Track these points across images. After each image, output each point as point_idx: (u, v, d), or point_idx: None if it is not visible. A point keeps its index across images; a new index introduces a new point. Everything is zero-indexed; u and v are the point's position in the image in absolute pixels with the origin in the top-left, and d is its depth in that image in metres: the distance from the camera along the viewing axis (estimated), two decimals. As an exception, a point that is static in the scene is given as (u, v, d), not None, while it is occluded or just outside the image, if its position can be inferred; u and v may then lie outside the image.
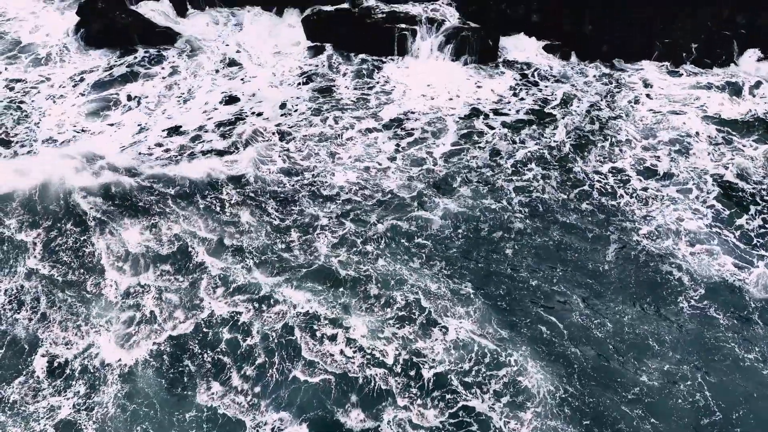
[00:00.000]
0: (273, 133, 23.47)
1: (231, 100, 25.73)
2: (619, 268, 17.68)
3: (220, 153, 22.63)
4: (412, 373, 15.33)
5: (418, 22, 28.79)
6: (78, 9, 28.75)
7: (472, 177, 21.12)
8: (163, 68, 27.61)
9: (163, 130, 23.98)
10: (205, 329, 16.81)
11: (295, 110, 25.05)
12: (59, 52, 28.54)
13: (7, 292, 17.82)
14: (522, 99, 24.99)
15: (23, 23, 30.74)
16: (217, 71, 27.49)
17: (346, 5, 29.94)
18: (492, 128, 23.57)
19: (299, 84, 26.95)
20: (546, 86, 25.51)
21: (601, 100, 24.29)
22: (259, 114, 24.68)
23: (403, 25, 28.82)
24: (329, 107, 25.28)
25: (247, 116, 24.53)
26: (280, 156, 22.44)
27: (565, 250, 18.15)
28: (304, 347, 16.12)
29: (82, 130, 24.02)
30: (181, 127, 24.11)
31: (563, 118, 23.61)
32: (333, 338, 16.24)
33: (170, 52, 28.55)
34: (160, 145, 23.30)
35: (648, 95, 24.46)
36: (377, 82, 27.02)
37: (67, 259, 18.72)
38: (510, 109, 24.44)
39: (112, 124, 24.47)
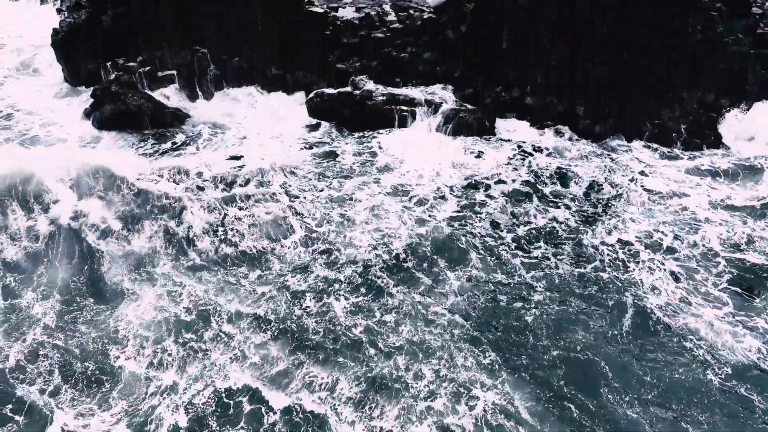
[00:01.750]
0: (283, 199, 23.48)
1: (238, 165, 25.84)
2: (640, 341, 17.55)
3: (233, 218, 22.54)
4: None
5: (417, 104, 29.64)
6: (92, 92, 29.08)
7: (479, 246, 21.18)
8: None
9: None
10: (225, 401, 16.28)
11: (303, 176, 25.31)
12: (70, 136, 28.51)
13: (23, 360, 17.36)
14: (518, 172, 25.41)
15: (35, 117, 29.87)
16: (226, 146, 27.70)
17: (348, 88, 30.79)
18: (492, 198, 23.87)
19: (304, 148, 27.56)
20: (542, 162, 25.97)
21: (599, 177, 24.75)
22: (267, 182, 24.78)
23: (403, 107, 29.67)
24: (334, 173, 25.62)
25: (257, 183, 24.60)
26: (293, 220, 22.40)
27: (583, 321, 18.05)
28: (333, 424, 15.55)
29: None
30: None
31: (563, 196, 23.97)
32: (362, 419, 15.67)
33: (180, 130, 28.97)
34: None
35: (644, 173, 24.96)
36: (378, 149, 27.52)
37: (84, 328, 18.38)
38: (508, 181, 24.82)
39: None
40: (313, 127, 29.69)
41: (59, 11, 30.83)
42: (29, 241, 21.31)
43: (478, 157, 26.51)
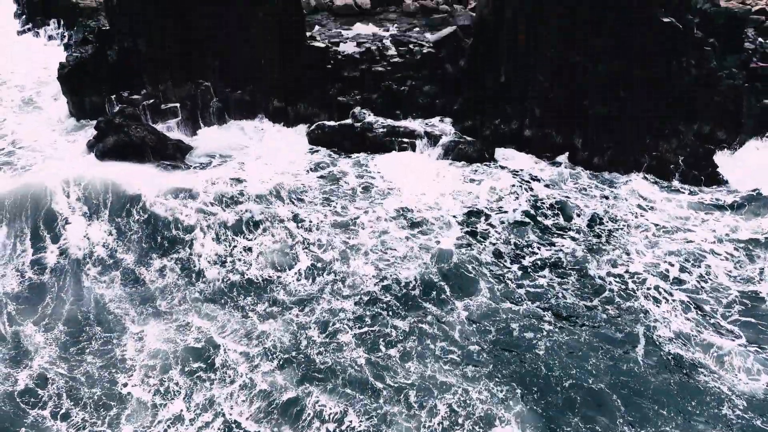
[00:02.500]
0: (290, 226, 23.18)
1: (244, 192, 25.63)
2: (653, 372, 17.20)
3: (242, 248, 22.21)
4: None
5: (417, 136, 29.67)
6: (96, 124, 28.85)
7: (487, 275, 20.86)
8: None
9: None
10: (235, 429, 15.83)
11: (308, 201, 25.12)
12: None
13: (32, 384, 17.20)
14: (519, 202, 25.28)
15: (36, 153, 29.34)
16: (229, 174, 27.44)
17: (348, 120, 30.81)
18: (494, 227, 23.69)
19: (308, 171, 27.55)
20: (542, 193, 25.84)
21: (600, 209, 24.60)
22: (273, 209, 24.54)
23: (403, 139, 29.68)
24: (337, 196, 25.47)
25: (263, 210, 24.33)
26: (299, 248, 22.07)
27: (595, 352, 17.72)
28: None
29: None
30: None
31: (565, 227, 23.82)
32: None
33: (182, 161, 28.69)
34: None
35: (645, 207, 24.82)
36: (377, 173, 27.42)
37: (90, 357, 18.06)
38: (509, 211, 24.65)
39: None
40: (314, 150, 29.77)
41: (67, 46, 30.82)
42: (35, 272, 20.98)
43: (478, 185, 26.43)
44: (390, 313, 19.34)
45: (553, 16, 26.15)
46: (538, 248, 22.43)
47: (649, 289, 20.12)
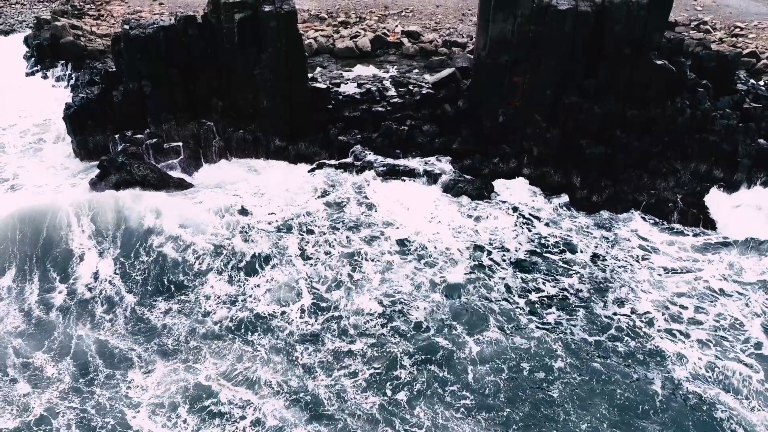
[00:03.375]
0: (297, 263, 22.60)
1: (244, 224, 25.24)
2: (671, 414, 16.62)
3: (252, 285, 21.61)
4: None
5: (416, 175, 29.42)
6: (99, 163, 28.41)
7: (496, 311, 20.30)
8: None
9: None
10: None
11: (305, 231, 24.72)
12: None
13: (45, 413, 16.90)
14: (519, 239, 24.90)
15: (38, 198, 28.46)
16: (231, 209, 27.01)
17: (349, 159, 30.57)
18: (497, 263, 23.27)
19: (312, 198, 27.22)
20: (543, 231, 25.49)
21: (601, 248, 24.26)
22: (281, 242, 24.05)
23: (403, 177, 29.40)
24: (342, 226, 25.01)
25: (271, 245, 23.89)
26: (303, 284, 21.44)
27: (609, 392, 17.12)
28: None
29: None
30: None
31: (569, 265, 23.42)
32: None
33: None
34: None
35: (647, 248, 24.44)
36: (376, 204, 26.98)
37: (99, 389, 17.61)
38: (511, 249, 24.27)
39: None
40: (313, 170, 29.46)
41: (74, 88, 30.55)
42: (42, 308, 20.37)
43: (478, 221, 26.06)
44: (398, 352, 18.67)
45: (548, 59, 26.28)
46: (544, 284, 21.97)
47: (659, 328, 19.66)
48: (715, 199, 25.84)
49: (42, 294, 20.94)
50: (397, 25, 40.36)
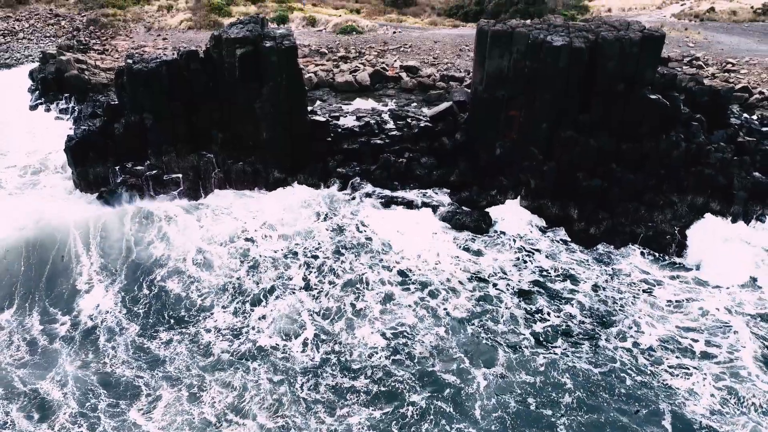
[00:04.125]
0: (299, 294, 22.09)
1: (243, 250, 24.88)
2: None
3: (257, 317, 21.09)
4: None
5: (414, 207, 29.15)
6: (99, 194, 28.09)
7: (502, 343, 19.72)
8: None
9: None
10: None
11: (313, 256, 24.28)
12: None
13: None
14: (520, 271, 24.47)
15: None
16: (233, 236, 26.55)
17: (347, 191, 30.31)
18: (500, 293, 22.81)
19: (313, 222, 26.89)
20: (543, 263, 25.06)
21: (601, 280, 23.82)
22: (284, 269, 23.63)
23: (402, 208, 29.12)
24: (339, 253, 24.58)
25: (275, 272, 23.45)
26: (306, 316, 20.90)
27: (620, 429, 16.45)
28: None
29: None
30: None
31: (571, 297, 22.95)
32: None
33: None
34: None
35: (649, 282, 24.03)
36: (373, 233, 26.56)
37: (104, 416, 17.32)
38: (513, 281, 23.82)
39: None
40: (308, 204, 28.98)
41: (76, 120, 30.37)
42: (45, 337, 19.80)
43: (477, 253, 25.68)
44: (404, 389, 18.04)
45: (543, 94, 26.32)
46: (548, 315, 21.45)
47: (668, 362, 19.11)
48: (716, 231, 25.44)
49: (44, 324, 20.56)
50: (395, 60, 40.64)
